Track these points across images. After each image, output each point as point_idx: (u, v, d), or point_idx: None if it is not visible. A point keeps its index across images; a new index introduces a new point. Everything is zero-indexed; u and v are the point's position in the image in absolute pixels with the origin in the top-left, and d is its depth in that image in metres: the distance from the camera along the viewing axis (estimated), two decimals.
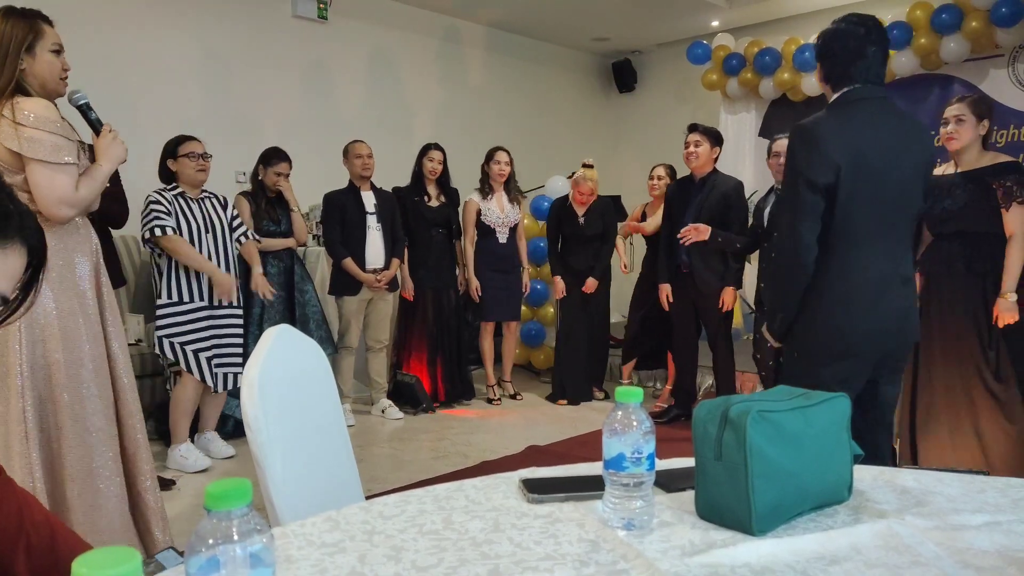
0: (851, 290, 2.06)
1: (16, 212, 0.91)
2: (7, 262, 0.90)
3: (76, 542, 1.08)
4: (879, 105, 2.09)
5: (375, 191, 4.58)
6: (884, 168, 2.03)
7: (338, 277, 4.51)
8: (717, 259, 4.21)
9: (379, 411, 4.70)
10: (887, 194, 2.05)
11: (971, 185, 3.02)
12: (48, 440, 2.03)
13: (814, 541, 1.03)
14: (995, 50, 5.12)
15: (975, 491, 1.22)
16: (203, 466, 3.63)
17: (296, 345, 1.44)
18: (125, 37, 4.56)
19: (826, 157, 2.00)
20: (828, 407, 1.15)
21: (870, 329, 2.07)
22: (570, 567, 0.95)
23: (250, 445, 1.26)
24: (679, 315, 4.40)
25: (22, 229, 0.92)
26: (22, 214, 0.92)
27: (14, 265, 0.92)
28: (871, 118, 2.07)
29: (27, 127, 2.00)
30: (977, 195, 3.00)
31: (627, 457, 1.05)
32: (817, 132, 2.05)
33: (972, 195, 3.02)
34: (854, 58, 2.07)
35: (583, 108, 7.68)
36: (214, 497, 0.68)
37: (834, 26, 2.15)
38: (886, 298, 2.08)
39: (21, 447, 1.95)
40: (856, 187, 2.01)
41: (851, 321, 2.06)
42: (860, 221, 2.04)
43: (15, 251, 0.91)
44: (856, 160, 2.00)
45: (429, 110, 6.36)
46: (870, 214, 2.05)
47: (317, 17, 5.55)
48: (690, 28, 6.80)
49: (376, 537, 1.04)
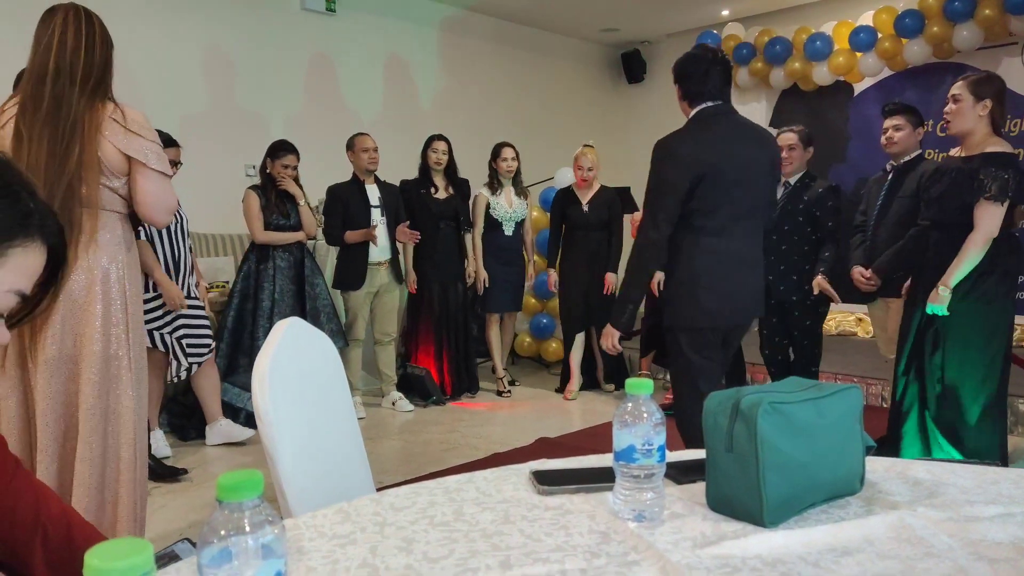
0: (706, 273, 2.49)
1: (37, 210, 0.91)
2: (27, 260, 0.90)
3: (92, 534, 1.08)
4: (729, 119, 2.56)
5: (379, 184, 4.58)
6: (733, 173, 2.47)
7: (342, 271, 4.53)
8: None
9: (389, 403, 4.72)
10: (736, 194, 2.48)
11: (955, 173, 2.82)
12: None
13: (826, 533, 1.03)
14: (1008, 38, 5.07)
15: (988, 482, 1.21)
16: (248, 435, 3.86)
17: (307, 338, 1.45)
18: (133, 30, 4.57)
19: (683, 167, 2.44)
20: (840, 398, 1.15)
21: (721, 305, 2.50)
22: (581, 559, 0.95)
23: (261, 437, 1.26)
24: None
25: (43, 227, 0.92)
26: (43, 213, 0.92)
27: (34, 263, 0.92)
28: (723, 131, 2.53)
29: (144, 138, 2.00)
30: (957, 185, 2.80)
31: (638, 449, 1.05)
32: (675, 146, 2.50)
33: (950, 184, 2.83)
34: (704, 79, 2.51)
35: (592, 99, 7.65)
36: (226, 488, 0.68)
37: (685, 55, 2.59)
38: (734, 279, 2.51)
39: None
40: (709, 190, 2.45)
41: (707, 298, 2.49)
42: (714, 217, 2.48)
43: (36, 249, 0.91)
44: (709, 168, 2.43)
45: (437, 102, 6.35)
46: (723, 212, 2.48)
47: (325, 10, 5.55)
48: (700, 18, 6.76)
49: (387, 529, 1.05)
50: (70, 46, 1.96)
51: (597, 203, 4.89)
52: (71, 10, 2.01)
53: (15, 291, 0.90)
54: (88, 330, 1.95)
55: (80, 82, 1.95)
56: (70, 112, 1.93)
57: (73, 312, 1.94)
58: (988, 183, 2.69)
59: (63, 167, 1.90)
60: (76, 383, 1.95)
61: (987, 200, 2.70)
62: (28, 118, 1.93)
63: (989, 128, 2.79)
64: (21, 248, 0.89)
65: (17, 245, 0.89)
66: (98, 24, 2.03)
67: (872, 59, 5.50)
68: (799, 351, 3.87)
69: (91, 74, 1.97)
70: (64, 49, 1.96)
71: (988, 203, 2.70)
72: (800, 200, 3.74)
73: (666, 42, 7.47)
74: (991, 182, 2.69)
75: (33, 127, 1.93)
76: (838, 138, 5.87)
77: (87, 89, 1.96)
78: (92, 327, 1.95)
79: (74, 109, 1.93)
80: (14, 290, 0.90)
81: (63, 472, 1.96)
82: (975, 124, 2.78)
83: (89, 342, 1.95)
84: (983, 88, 2.77)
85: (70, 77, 1.95)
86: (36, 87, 1.95)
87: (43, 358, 1.91)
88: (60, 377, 1.94)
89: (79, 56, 1.96)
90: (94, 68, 1.98)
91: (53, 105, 1.93)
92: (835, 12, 6.02)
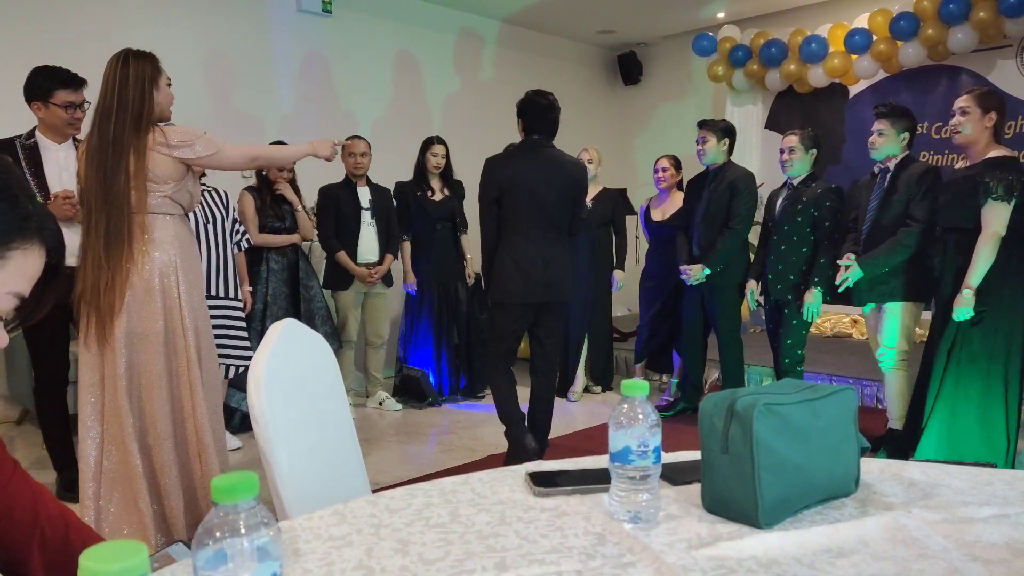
0: (511, 264, 3.29)
1: (35, 213, 0.92)
2: (26, 262, 0.91)
3: (89, 535, 1.08)
4: (541, 151, 3.36)
5: (371, 186, 4.60)
6: (529, 190, 3.27)
7: (331, 271, 4.54)
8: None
9: (376, 403, 4.72)
10: (534, 205, 3.29)
11: (962, 181, 3.02)
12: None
13: (821, 534, 1.03)
14: (1003, 41, 5.08)
15: (983, 484, 1.21)
16: (235, 445, 3.81)
17: (302, 339, 1.45)
18: (129, 31, 4.55)
19: (494, 181, 3.30)
20: (835, 400, 1.15)
21: (519, 290, 3.29)
22: (576, 560, 0.95)
23: (257, 439, 1.26)
24: (686, 309, 4.40)
25: (42, 230, 0.92)
26: (41, 215, 0.93)
27: (33, 265, 0.92)
28: (531, 158, 3.34)
29: (186, 143, 2.49)
30: (963, 191, 3.00)
31: (633, 450, 1.05)
32: (490, 166, 3.37)
33: (957, 190, 3.03)
34: (536, 119, 3.38)
35: (589, 101, 7.65)
36: (221, 490, 0.68)
37: (527, 96, 3.41)
38: (532, 271, 3.29)
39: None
40: (510, 201, 3.28)
41: (510, 283, 3.30)
42: (516, 221, 3.30)
43: (35, 252, 0.92)
44: (508, 183, 3.28)
45: (434, 104, 6.35)
46: (521, 218, 3.29)
47: (321, 11, 5.54)
48: (696, 20, 6.77)
49: (383, 530, 1.04)
50: (109, 89, 2.44)
51: (598, 203, 4.90)
52: (117, 57, 2.48)
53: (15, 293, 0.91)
54: (150, 311, 2.45)
55: (117, 117, 2.42)
56: (112, 143, 2.41)
57: (137, 298, 2.44)
58: (993, 185, 2.88)
59: (111, 187, 2.39)
60: (145, 355, 2.45)
61: (995, 200, 2.88)
62: (87, 152, 2.45)
63: (991, 138, 3.01)
64: (20, 251, 0.90)
65: (16, 248, 0.89)
66: (133, 65, 2.46)
67: (867, 61, 5.52)
68: (785, 350, 3.87)
69: (128, 108, 2.42)
70: (106, 93, 2.45)
71: (995, 203, 2.89)
72: (799, 201, 3.75)
73: (662, 44, 7.48)
74: (996, 183, 2.88)
75: (89, 158, 2.43)
76: (833, 140, 5.88)
77: (127, 121, 2.42)
78: (153, 309, 2.45)
79: (116, 139, 2.41)
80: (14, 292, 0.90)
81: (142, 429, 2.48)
82: (980, 134, 3.00)
83: (152, 322, 2.45)
84: (989, 101, 3.00)
85: (114, 114, 2.42)
86: (92, 127, 2.47)
87: (118, 336, 2.41)
88: (134, 351, 2.44)
89: (115, 96, 2.43)
90: (130, 103, 2.43)
91: (100, 139, 2.43)
92: (830, 14, 6.04)
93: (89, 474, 2.46)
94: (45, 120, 3.03)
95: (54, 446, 3.16)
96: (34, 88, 3.00)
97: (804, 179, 3.79)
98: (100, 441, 2.47)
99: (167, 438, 2.49)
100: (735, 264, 4.18)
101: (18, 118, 3.20)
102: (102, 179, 2.40)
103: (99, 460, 2.46)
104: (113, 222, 2.40)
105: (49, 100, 2.99)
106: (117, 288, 2.41)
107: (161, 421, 2.47)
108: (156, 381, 2.46)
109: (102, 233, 2.40)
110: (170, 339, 2.49)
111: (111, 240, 2.41)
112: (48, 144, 3.06)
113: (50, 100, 2.99)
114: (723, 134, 4.21)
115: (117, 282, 2.41)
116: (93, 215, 2.42)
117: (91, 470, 2.46)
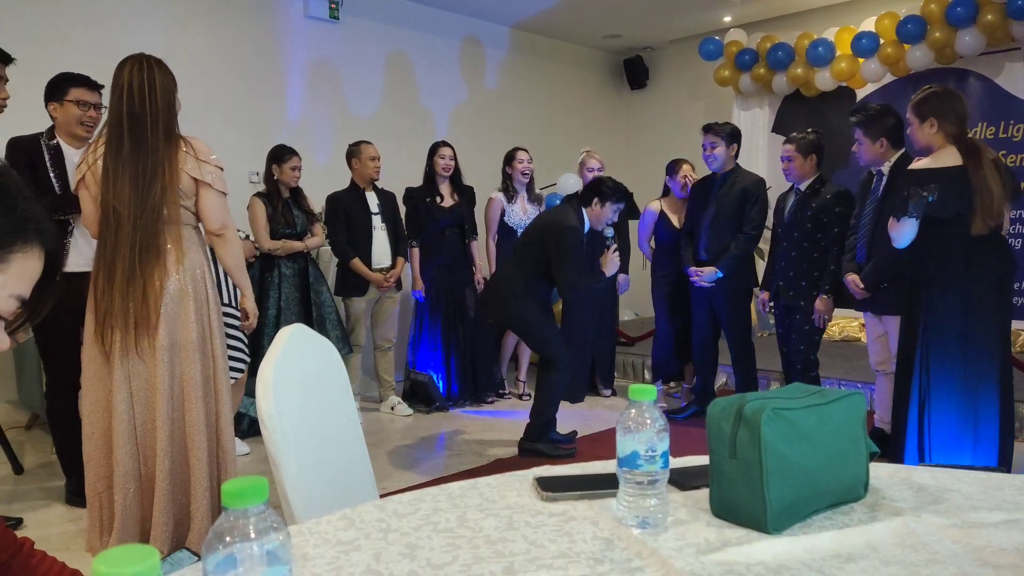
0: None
1: (34, 216, 0.92)
2: (26, 265, 0.91)
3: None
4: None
5: (377, 191, 4.61)
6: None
7: (344, 278, 4.55)
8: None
9: (388, 408, 4.73)
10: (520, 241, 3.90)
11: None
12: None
13: (830, 539, 1.03)
14: (1011, 43, 5.07)
15: (993, 488, 1.21)
16: (244, 451, 3.83)
17: (310, 344, 1.45)
18: (137, 37, 4.58)
19: None
20: (844, 404, 1.15)
21: None
22: (584, 565, 0.95)
23: (265, 444, 1.26)
24: (697, 314, 4.39)
25: (41, 233, 0.93)
26: (40, 218, 0.93)
27: (33, 268, 0.93)
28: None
29: (209, 163, 2.51)
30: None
31: (641, 455, 1.05)
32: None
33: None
34: None
35: (595, 106, 7.66)
36: (231, 495, 0.68)
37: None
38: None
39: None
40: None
41: None
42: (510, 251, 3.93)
43: (34, 255, 0.92)
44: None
45: (441, 109, 6.36)
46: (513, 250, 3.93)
47: (329, 17, 5.57)
48: (702, 24, 6.77)
49: (391, 535, 1.05)
50: (137, 95, 2.41)
51: None
52: (137, 61, 2.44)
53: (16, 296, 0.91)
54: (185, 321, 2.48)
55: (151, 126, 2.42)
56: (149, 153, 2.41)
57: (171, 308, 2.45)
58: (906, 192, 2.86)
59: (147, 198, 2.40)
60: (183, 365, 2.48)
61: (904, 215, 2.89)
62: (113, 157, 2.42)
63: (944, 141, 2.88)
64: (21, 254, 0.90)
65: (17, 251, 0.90)
66: (158, 71, 2.45)
67: (874, 65, 5.51)
68: (795, 355, 3.86)
69: (158, 118, 2.43)
70: (132, 98, 2.41)
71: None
72: (809, 206, 3.73)
73: (668, 48, 7.48)
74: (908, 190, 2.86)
75: (118, 164, 2.41)
76: (841, 143, 5.86)
77: (159, 132, 2.43)
78: (188, 318, 2.48)
79: (153, 150, 2.42)
80: (15, 295, 0.91)
81: (174, 434, 2.48)
82: (929, 140, 2.91)
83: (187, 331, 2.48)
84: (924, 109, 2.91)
85: (142, 122, 2.41)
86: (115, 130, 2.43)
87: (157, 346, 2.43)
88: (172, 360, 2.46)
89: (144, 103, 2.41)
90: (160, 113, 2.43)
91: (132, 146, 2.41)
92: (837, 18, 6.03)
93: (97, 477, 2.48)
94: (59, 120, 3.07)
95: (64, 451, 3.17)
96: (51, 88, 3.06)
97: (812, 183, 3.78)
98: (108, 447, 2.47)
99: (201, 447, 2.48)
100: (743, 268, 4.18)
101: (29, 126, 3.22)
102: (136, 187, 2.40)
103: (110, 465, 2.47)
104: (148, 232, 2.40)
105: (64, 98, 3.03)
106: (151, 299, 2.40)
107: (196, 429, 2.48)
108: (194, 390, 2.48)
109: (136, 243, 2.39)
110: (204, 347, 2.52)
111: (145, 250, 2.40)
112: (65, 148, 3.09)
113: (65, 98, 3.03)
114: (731, 139, 4.21)
115: (150, 293, 2.40)
116: (124, 224, 2.40)
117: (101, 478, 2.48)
